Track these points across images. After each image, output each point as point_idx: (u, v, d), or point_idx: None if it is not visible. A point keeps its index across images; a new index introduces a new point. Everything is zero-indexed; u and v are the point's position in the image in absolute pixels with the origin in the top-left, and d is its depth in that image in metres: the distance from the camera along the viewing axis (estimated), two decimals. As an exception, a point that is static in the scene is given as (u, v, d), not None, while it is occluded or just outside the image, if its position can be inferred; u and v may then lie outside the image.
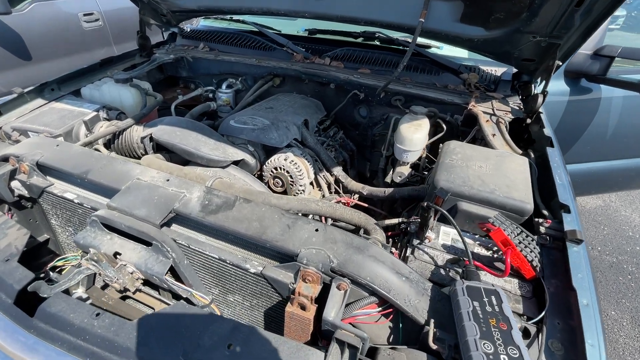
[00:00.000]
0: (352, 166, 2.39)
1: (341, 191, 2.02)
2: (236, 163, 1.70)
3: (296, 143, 1.89)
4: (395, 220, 1.49)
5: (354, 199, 1.90)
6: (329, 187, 1.99)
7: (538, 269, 1.09)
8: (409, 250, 1.23)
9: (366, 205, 1.88)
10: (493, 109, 1.82)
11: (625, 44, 2.23)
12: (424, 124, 1.72)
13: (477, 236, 1.26)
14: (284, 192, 1.74)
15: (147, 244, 1.13)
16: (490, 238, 1.24)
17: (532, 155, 1.59)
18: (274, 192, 1.78)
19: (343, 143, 2.37)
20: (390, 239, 1.49)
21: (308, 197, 1.43)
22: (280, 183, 1.72)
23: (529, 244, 1.14)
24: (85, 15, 4.39)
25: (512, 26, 1.62)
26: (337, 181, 2.00)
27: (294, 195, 1.78)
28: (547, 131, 1.61)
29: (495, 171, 1.40)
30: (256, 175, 1.93)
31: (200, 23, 2.96)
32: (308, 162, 1.80)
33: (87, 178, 1.30)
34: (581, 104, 2.38)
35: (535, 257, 1.10)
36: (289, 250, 1.02)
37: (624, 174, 2.63)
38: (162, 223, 1.13)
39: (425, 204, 1.11)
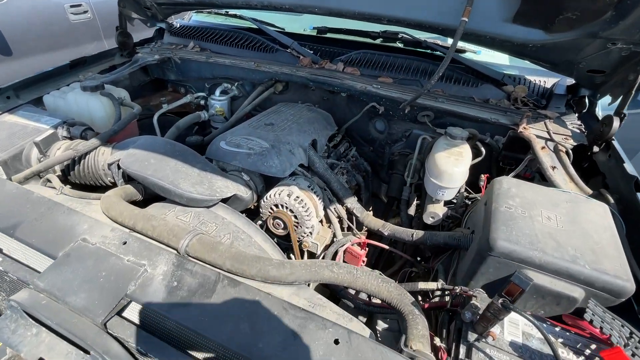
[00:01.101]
0: (366, 189, 2.01)
1: (354, 226, 1.64)
2: (226, 199, 1.32)
3: (302, 170, 1.50)
4: (432, 285, 1.12)
5: (362, 236, 1.53)
6: (340, 223, 1.61)
7: (668, 402, 0.71)
8: (462, 350, 0.86)
9: (387, 247, 1.51)
10: (549, 132, 1.43)
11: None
12: (466, 153, 1.33)
13: (558, 329, 0.88)
14: (286, 236, 1.36)
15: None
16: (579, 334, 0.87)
17: (611, 200, 1.20)
18: (273, 234, 1.40)
19: (356, 162, 1.99)
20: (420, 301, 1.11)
21: (319, 261, 1.05)
22: (282, 225, 1.34)
23: (647, 356, 0.76)
24: (72, 6, 3.97)
25: (585, 29, 1.22)
26: (350, 214, 1.63)
27: (300, 238, 1.40)
28: (629, 168, 1.22)
29: (570, 225, 1.02)
30: (253, 207, 1.55)
31: (193, 18, 2.55)
32: (317, 195, 1.42)
33: (14, 235, 0.92)
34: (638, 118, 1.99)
35: (661, 381, 0.73)
36: (295, 381, 0.65)
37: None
38: (106, 320, 0.75)
39: (500, 301, 0.74)
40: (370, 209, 2.28)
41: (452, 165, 1.26)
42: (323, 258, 1.51)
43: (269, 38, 2.03)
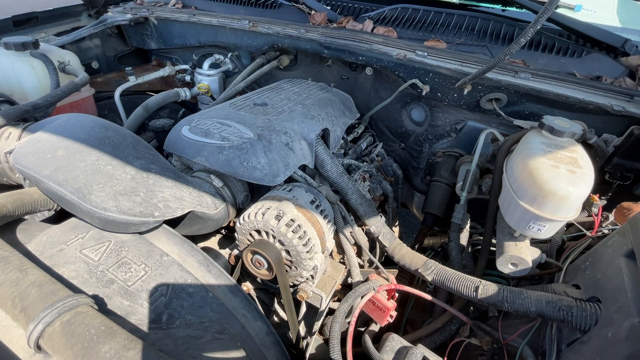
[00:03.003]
0: (393, 199, 1.46)
1: (377, 257, 1.10)
2: (182, 217, 0.80)
3: (304, 175, 0.97)
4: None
5: (392, 277, 1.00)
6: (358, 253, 1.08)
7: None
8: None
9: (429, 297, 0.97)
10: None
11: None
12: (585, 163, 0.76)
13: None
14: (273, 280, 0.84)
15: None
16: None
17: None
18: (253, 274, 0.88)
19: (382, 163, 1.44)
20: None
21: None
22: (266, 264, 0.81)
23: None
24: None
25: None
26: (373, 241, 1.09)
27: (293, 284, 0.88)
28: None
29: None
30: (232, 224, 1.04)
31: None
32: (325, 217, 0.89)
33: None
34: None
35: None
36: None
37: None
38: None
39: None
40: (397, 224, 1.74)
41: (566, 181, 0.69)
42: (330, 315, 0.98)
43: (273, -9, 1.49)
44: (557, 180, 0.69)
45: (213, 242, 1.11)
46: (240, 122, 0.94)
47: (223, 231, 1.15)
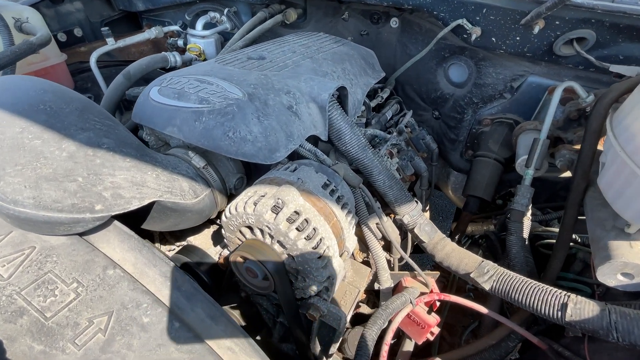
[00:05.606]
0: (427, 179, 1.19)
1: (409, 252, 0.85)
2: (147, 209, 0.58)
3: (314, 149, 0.72)
4: None
5: (431, 281, 0.75)
6: (387, 248, 0.83)
7: None
8: None
9: (485, 310, 0.72)
10: None
11: None
12: None
13: None
14: (275, 291, 0.61)
15: None
16: None
17: None
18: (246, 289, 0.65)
19: (413, 136, 1.16)
20: None
21: None
22: (261, 274, 0.58)
23: None
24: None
25: None
26: (405, 232, 0.84)
27: (302, 296, 0.65)
28: None
29: None
30: (223, 211, 0.81)
31: None
32: (343, 207, 0.64)
33: None
34: None
35: None
36: None
37: None
38: None
39: None
40: (427, 208, 1.47)
41: None
42: (352, 327, 0.75)
43: None
44: None
45: (205, 236, 0.89)
46: (225, 78, 0.69)
47: (218, 221, 0.92)
